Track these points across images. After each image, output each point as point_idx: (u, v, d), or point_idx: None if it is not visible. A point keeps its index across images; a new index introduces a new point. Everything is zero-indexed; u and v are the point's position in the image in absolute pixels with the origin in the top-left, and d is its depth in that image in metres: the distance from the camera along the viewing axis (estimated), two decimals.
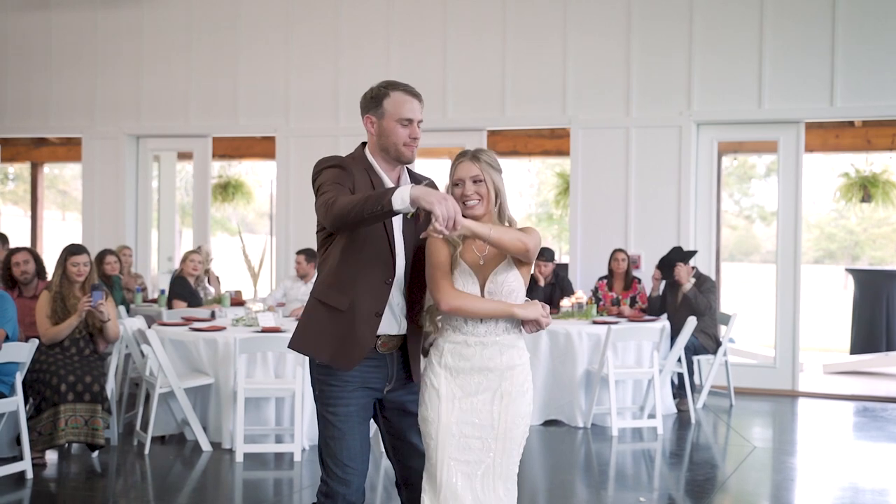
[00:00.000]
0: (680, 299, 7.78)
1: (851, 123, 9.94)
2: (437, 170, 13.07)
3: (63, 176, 27.98)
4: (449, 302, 3.07)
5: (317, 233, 3.24)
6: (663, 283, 8.11)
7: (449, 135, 9.68)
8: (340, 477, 3.14)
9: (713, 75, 8.71)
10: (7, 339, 5.45)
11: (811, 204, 23.45)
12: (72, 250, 6.05)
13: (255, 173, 20.12)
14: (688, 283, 7.73)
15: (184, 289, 8.07)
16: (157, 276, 10.56)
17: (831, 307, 18.91)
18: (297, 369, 6.01)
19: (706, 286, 7.82)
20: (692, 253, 7.99)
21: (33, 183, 13.45)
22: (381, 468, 6.03)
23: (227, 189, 13.11)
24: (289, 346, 3.24)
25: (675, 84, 8.79)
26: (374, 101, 3.20)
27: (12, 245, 7.98)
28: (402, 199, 2.79)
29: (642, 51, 8.90)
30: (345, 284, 3.10)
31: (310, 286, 8.52)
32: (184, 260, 8.27)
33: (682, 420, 7.36)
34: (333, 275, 3.13)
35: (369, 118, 3.22)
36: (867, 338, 10.70)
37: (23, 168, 20.52)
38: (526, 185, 23.51)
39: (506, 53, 9.29)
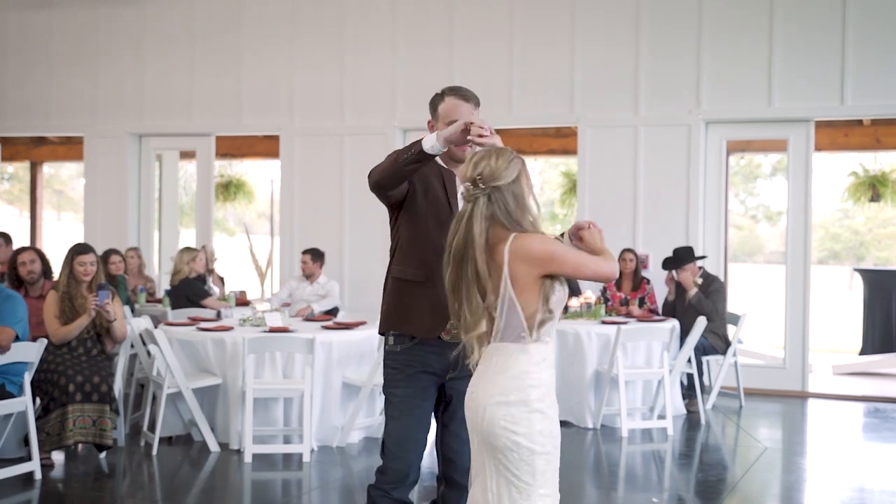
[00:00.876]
0: (687, 302, 7.84)
1: (860, 122, 9.98)
2: None
3: (59, 175, 27.99)
4: (612, 265, 3.00)
5: (390, 225, 3.51)
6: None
7: None
8: (394, 454, 3.35)
9: (722, 73, 8.75)
10: (17, 339, 5.50)
11: (816, 204, 23.47)
12: (78, 249, 6.10)
13: (255, 173, 20.16)
14: (693, 289, 7.77)
15: (198, 289, 8.05)
16: (159, 276, 10.58)
17: (837, 308, 18.96)
18: (306, 370, 6.05)
19: (714, 287, 7.86)
20: (689, 250, 7.95)
21: (32, 182, 13.49)
22: None
23: (229, 188, 13.17)
24: (380, 332, 3.49)
25: (684, 82, 8.84)
26: (432, 105, 3.45)
27: (16, 245, 8.03)
28: (430, 141, 3.12)
29: (651, 48, 8.94)
30: (418, 257, 3.36)
31: (315, 287, 8.57)
32: (188, 262, 8.24)
33: (691, 421, 7.40)
34: (404, 252, 3.41)
35: (430, 122, 3.48)
36: (877, 338, 10.75)
37: (19, 167, 20.57)
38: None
39: (513, 51, 9.33)
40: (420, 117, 9.62)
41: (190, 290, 8.11)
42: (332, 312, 8.16)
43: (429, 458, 5.01)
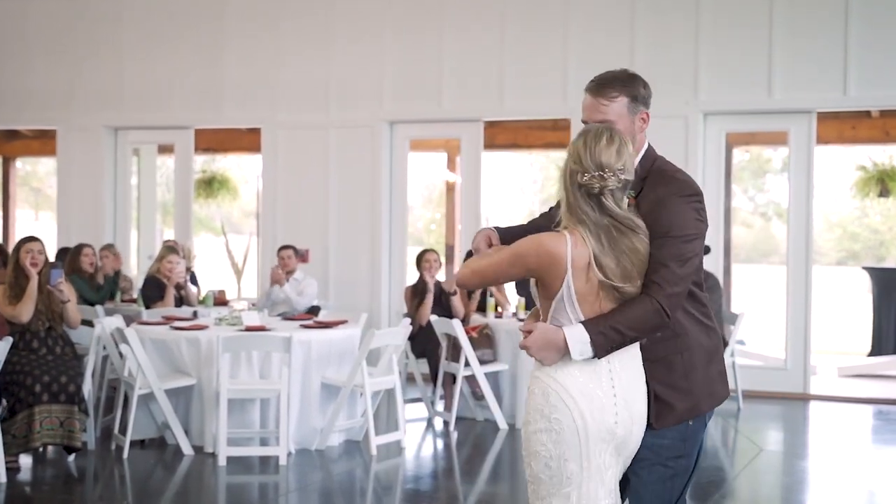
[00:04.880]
0: None
1: (868, 114, 10.07)
2: (430, 162, 13.16)
3: (36, 173, 28.02)
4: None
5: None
6: None
7: (444, 126, 9.82)
8: None
9: (721, 63, 8.83)
10: None
11: (833, 202, 23.48)
12: (25, 239, 6.26)
13: (241, 168, 20.24)
14: None
15: (152, 291, 8.01)
16: (136, 276, 10.65)
17: (856, 310, 18.98)
18: (283, 369, 6.14)
19: (707, 284, 7.92)
20: None
21: (5, 179, 13.57)
22: (371, 472, 6.17)
23: (212, 185, 13.25)
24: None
25: (681, 72, 8.92)
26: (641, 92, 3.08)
27: None
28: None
29: (647, 37, 9.02)
30: None
31: (293, 283, 8.63)
32: (160, 259, 8.20)
33: None
34: None
35: (644, 115, 3.10)
36: (887, 339, 10.83)
37: None
38: (529, 180, 23.67)
39: (504, 41, 9.42)
40: (408, 109, 9.78)
41: (144, 288, 8.12)
42: (314, 311, 8.25)
43: None
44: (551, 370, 2.72)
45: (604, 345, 2.65)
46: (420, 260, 8.12)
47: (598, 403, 2.69)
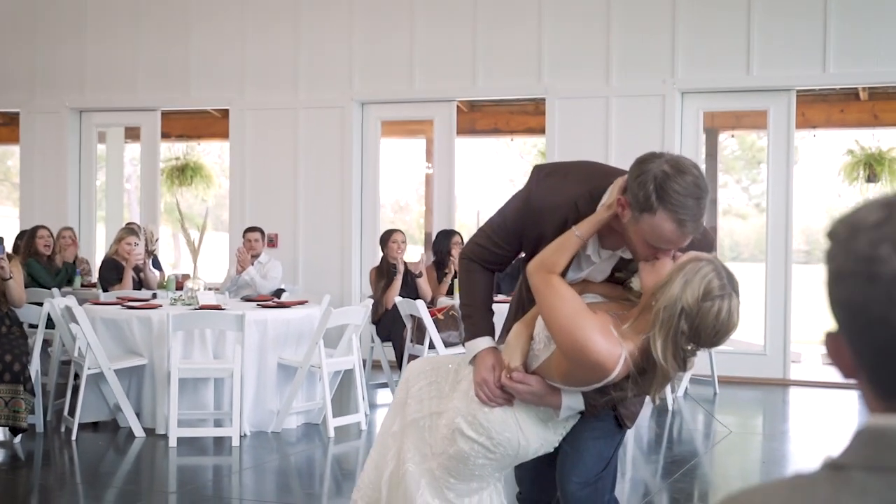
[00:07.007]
0: None
1: (857, 97, 10.03)
2: (403, 148, 13.09)
3: (16, 168, 27.96)
4: None
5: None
6: None
7: (416, 106, 9.80)
8: None
9: (698, 39, 8.81)
10: None
11: (836, 198, 23.37)
12: None
13: (221, 157, 20.18)
14: None
15: (110, 273, 7.98)
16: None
17: None
18: (236, 348, 6.13)
19: None
20: None
21: None
22: (329, 453, 6.17)
23: (185, 172, 13.22)
24: None
25: (658, 49, 8.91)
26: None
27: None
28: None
29: (623, 13, 9.00)
30: None
31: (258, 266, 8.62)
32: (118, 240, 8.18)
33: (658, 407, 7.47)
34: None
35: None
36: None
37: None
38: (520, 172, 23.62)
39: (477, 18, 9.40)
40: (379, 89, 9.77)
41: (101, 270, 8.07)
42: (278, 294, 8.24)
43: None
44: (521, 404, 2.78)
45: (591, 413, 2.82)
46: (386, 240, 8.11)
47: (546, 446, 2.85)
